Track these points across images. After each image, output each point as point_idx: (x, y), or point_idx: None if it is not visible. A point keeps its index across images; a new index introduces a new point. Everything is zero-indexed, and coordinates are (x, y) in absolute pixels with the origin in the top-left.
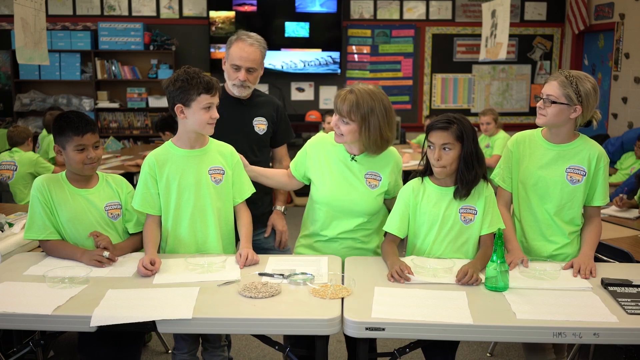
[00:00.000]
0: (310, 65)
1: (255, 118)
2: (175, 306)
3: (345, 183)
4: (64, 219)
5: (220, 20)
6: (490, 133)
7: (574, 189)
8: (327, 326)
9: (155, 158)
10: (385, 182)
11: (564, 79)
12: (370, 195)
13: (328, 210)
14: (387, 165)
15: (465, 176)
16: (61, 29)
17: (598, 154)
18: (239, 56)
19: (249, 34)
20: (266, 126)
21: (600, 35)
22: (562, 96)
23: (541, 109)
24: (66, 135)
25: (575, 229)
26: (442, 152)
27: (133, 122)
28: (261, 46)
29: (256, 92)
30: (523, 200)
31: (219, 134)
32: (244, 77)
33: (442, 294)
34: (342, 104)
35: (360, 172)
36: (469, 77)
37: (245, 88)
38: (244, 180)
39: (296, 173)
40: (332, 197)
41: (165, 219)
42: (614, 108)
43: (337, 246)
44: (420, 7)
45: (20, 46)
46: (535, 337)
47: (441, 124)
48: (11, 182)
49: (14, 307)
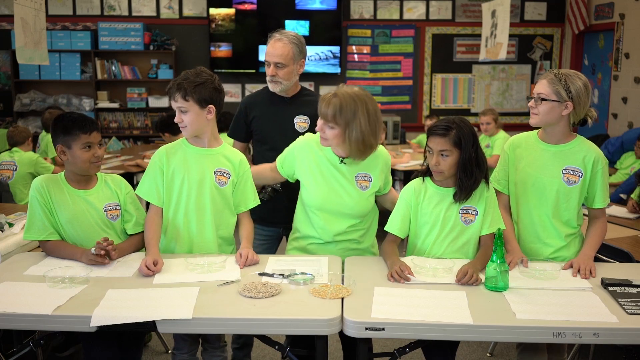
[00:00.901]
0: (311, 60)
1: (297, 116)
2: (175, 306)
3: (337, 186)
4: (63, 220)
5: (220, 18)
6: (490, 133)
7: (570, 190)
8: (327, 326)
9: (166, 150)
10: (376, 182)
11: (552, 77)
12: (362, 197)
13: (321, 214)
14: (376, 166)
15: (463, 182)
16: (61, 29)
17: (595, 157)
18: (267, 52)
19: (282, 32)
20: (308, 124)
21: (600, 35)
22: (552, 93)
23: (533, 109)
24: (73, 134)
25: (572, 232)
26: (440, 158)
27: (133, 122)
28: (291, 42)
29: (304, 91)
30: (520, 202)
31: (261, 131)
32: (273, 72)
33: (442, 294)
34: (326, 109)
35: (350, 175)
36: (469, 77)
37: (276, 84)
38: (250, 190)
39: (283, 171)
40: (324, 201)
41: (167, 210)
42: (614, 108)
43: (332, 248)
44: (420, 7)
45: (20, 46)
46: (535, 337)
47: (440, 130)
48: (11, 182)
49: (14, 307)
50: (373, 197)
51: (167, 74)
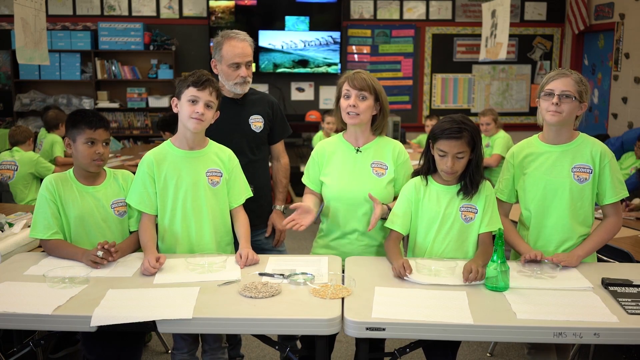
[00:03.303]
0: (311, 45)
1: (251, 116)
2: (175, 306)
3: (355, 174)
4: (72, 216)
5: (220, 10)
6: (490, 133)
7: (583, 187)
8: (327, 326)
9: (154, 157)
10: (391, 169)
11: (577, 77)
12: (379, 183)
13: (341, 206)
14: (389, 153)
15: (475, 178)
16: (61, 29)
17: (601, 151)
18: (236, 54)
19: (235, 31)
20: (262, 124)
21: (600, 35)
22: (576, 92)
23: (555, 106)
24: (79, 128)
25: (585, 232)
26: (455, 160)
27: (133, 122)
28: (250, 40)
29: (250, 90)
30: (534, 209)
31: (217, 135)
32: (246, 73)
33: (442, 294)
34: (356, 80)
35: (366, 163)
36: (469, 77)
37: (247, 84)
38: (241, 184)
39: (313, 184)
40: (342, 190)
41: (162, 217)
42: (614, 108)
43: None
44: (420, 7)
45: (21, 46)
46: (536, 337)
47: (454, 133)
48: (11, 182)
49: (14, 307)
50: (392, 187)
51: (167, 74)
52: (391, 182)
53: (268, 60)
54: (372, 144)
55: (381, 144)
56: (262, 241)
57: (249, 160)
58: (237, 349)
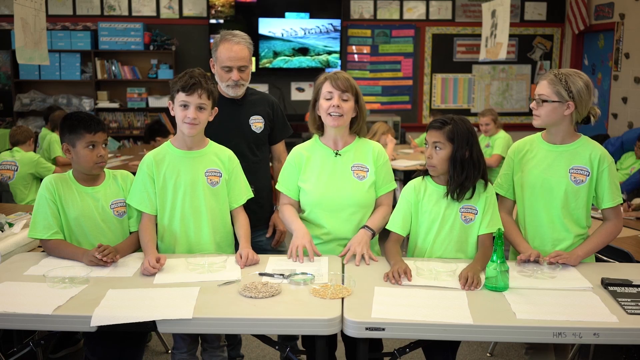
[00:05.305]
0: (311, 33)
1: (251, 117)
2: (175, 306)
3: (334, 179)
4: (71, 217)
5: (220, 4)
6: (490, 133)
7: (578, 189)
8: (327, 326)
9: (154, 157)
10: (372, 171)
11: (552, 77)
12: (360, 187)
13: (321, 212)
14: (368, 155)
15: (453, 178)
16: (61, 29)
17: (600, 155)
18: (228, 57)
19: (233, 33)
20: (263, 124)
21: (600, 35)
22: (552, 94)
23: (535, 110)
24: (78, 133)
25: (582, 232)
26: (433, 151)
27: (133, 122)
28: (247, 42)
29: (250, 91)
30: (528, 205)
31: (217, 136)
32: (237, 77)
33: (442, 294)
34: (339, 80)
35: (346, 166)
36: (469, 77)
37: (240, 87)
38: (241, 185)
39: (291, 192)
40: (322, 196)
41: (161, 216)
42: (614, 108)
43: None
44: (420, 7)
45: (20, 46)
46: (535, 337)
47: (437, 123)
48: (11, 182)
49: (14, 307)
50: (373, 190)
51: (167, 74)
52: (372, 185)
53: (268, 48)
54: (351, 146)
55: (360, 146)
56: (263, 242)
57: (249, 161)
58: (237, 349)
